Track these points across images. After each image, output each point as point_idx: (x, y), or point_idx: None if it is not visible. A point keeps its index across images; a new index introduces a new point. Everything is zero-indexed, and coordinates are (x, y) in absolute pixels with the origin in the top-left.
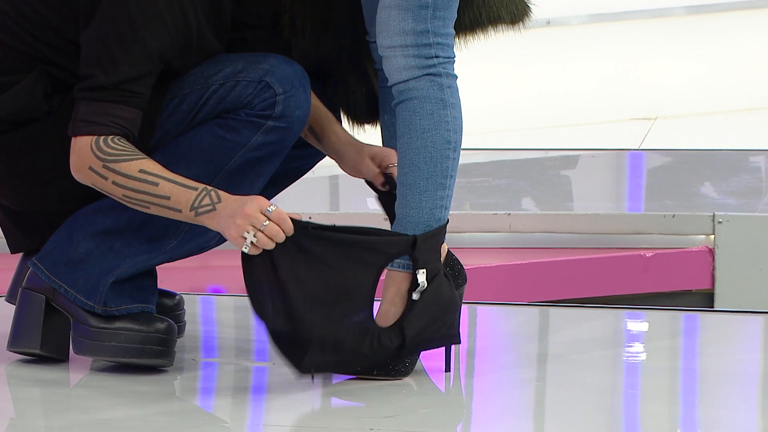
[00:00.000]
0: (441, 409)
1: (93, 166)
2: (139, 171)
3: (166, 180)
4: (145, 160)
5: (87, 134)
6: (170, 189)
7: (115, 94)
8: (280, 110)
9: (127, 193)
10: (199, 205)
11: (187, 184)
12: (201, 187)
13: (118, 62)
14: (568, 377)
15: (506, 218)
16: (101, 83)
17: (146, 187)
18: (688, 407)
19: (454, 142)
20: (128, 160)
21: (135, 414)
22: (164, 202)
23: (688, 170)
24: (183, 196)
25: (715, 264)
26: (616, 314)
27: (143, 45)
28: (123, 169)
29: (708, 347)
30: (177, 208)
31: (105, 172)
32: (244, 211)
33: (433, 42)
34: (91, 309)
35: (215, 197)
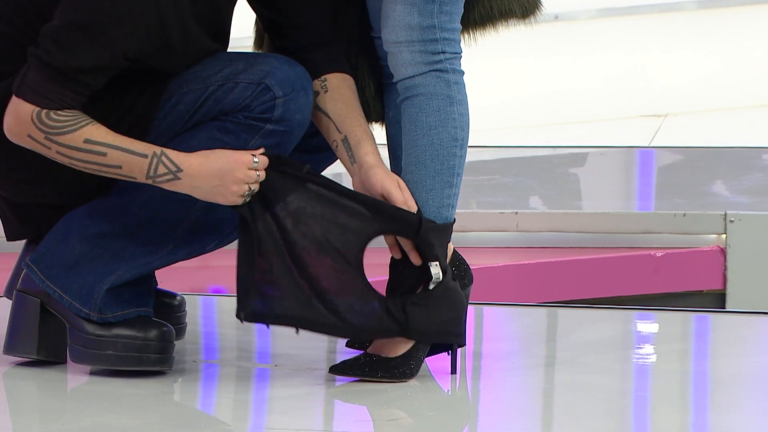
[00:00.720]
0: (446, 413)
1: (33, 135)
2: (84, 141)
3: (113, 148)
4: (90, 125)
5: (30, 102)
6: (119, 157)
7: (64, 78)
8: (279, 114)
9: (74, 162)
10: (155, 175)
11: (136, 149)
12: (150, 153)
13: (77, 49)
14: (577, 380)
15: (513, 217)
16: (54, 63)
17: (94, 157)
18: (700, 411)
19: (461, 140)
20: (72, 131)
21: (134, 418)
22: (117, 171)
23: (699, 168)
24: (135, 165)
25: (726, 264)
26: (625, 315)
27: (107, 39)
28: (67, 141)
29: (720, 349)
30: (131, 176)
31: (47, 143)
32: (235, 176)
33: (440, 37)
34: (86, 316)
35: (170, 164)
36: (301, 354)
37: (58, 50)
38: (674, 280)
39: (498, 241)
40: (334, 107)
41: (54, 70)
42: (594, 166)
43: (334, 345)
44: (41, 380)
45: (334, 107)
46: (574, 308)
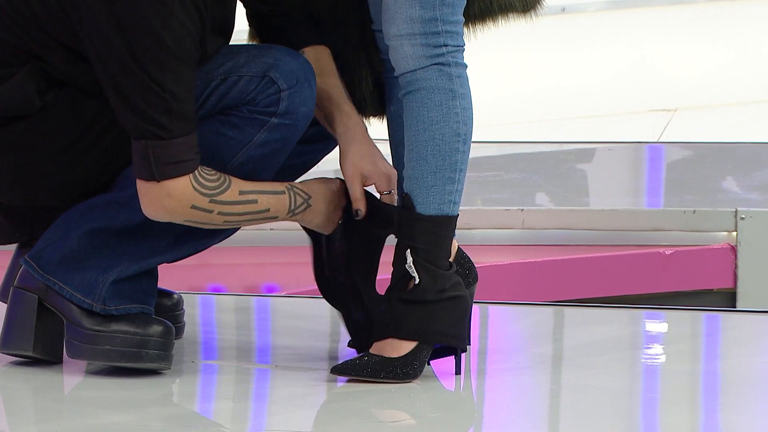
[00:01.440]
0: (451, 414)
1: (197, 204)
2: (240, 193)
3: (260, 193)
4: (233, 179)
5: (180, 175)
6: (267, 201)
7: (181, 123)
8: (284, 107)
9: (230, 219)
10: (295, 207)
11: (274, 189)
12: (284, 188)
13: (163, 82)
14: (584, 380)
15: (519, 214)
16: (162, 113)
17: (248, 207)
18: (710, 413)
19: (463, 135)
20: (227, 187)
21: (131, 419)
22: (265, 215)
23: (709, 164)
24: (280, 203)
25: (737, 262)
26: (633, 314)
27: (174, 54)
28: (227, 198)
29: (730, 349)
30: (274, 215)
31: (211, 206)
32: (342, 202)
33: (442, 30)
34: (89, 307)
35: (303, 194)
36: (302, 354)
37: (153, 101)
38: (684, 278)
39: (503, 238)
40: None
41: (173, 123)
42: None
43: (336, 345)
44: (37, 381)
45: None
46: (581, 307)
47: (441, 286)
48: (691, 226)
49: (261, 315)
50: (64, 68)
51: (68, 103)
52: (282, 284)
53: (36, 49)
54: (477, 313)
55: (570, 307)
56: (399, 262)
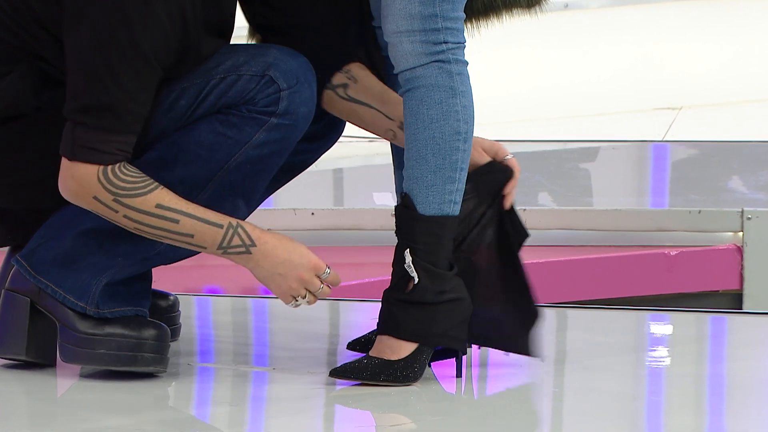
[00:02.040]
0: (452, 418)
1: (100, 197)
2: (157, 206)
3: (186, 216)
4: (160, 190)
5: (91, 163)
6: (193, 226)
7: (115, 119)
8: (284, 107)
9: (141, 228)
10: (228, 245)
11: (210, 219)
12: (226, 224)
13: (118, 75)
14: (587, 383)
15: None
16: (101, 103)
17: (165, 224)
18: (715, 416)
19: (464, 133)
20: (143, 194)
21: (126, 423)
22: (187, 240)
23: (715, 163)
24: (208, 234)
25: (743, 263)
26: (638, 316)
27: (143, 54)
28: (138, 205)
29: (736, 351)
30: (202, 245)
31: (115, 205)
32: (300, 275)
33: (442, 26)
34: (82, 310)
35: (245, 237)
36: (300, 357)
37: (102, 87)
38: (689, 279)
39: None
40: (372, 95)
41: (104, 116)
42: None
43: (335, 347)
44: (30, 383)
45: (373, 95)
46: (585, 309)
47: (441, 287)
48: (697, 227)
49: (258, 317)
50: (62, 66)
51: (64, 102)
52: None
53: (33, 46)
54: None
55: (573, 308)
56: (398, 262)
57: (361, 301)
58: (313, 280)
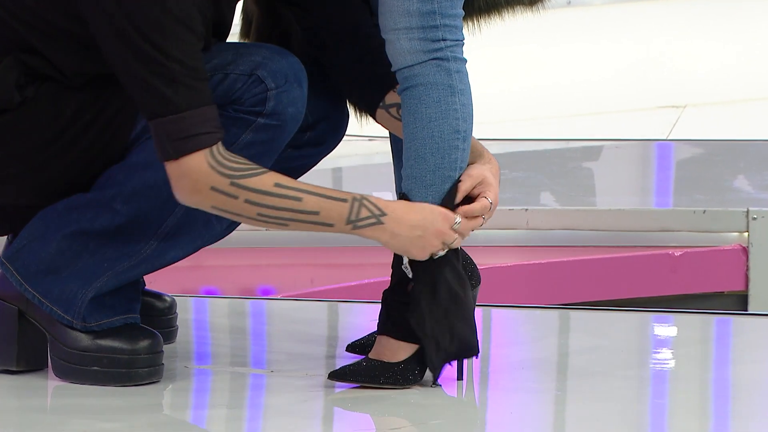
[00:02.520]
0: (452, 421)
1: (216, 185)
2: (276, 185)
3: (308, 193)
4: (272, 172)
5: (194, 150)
6: (317, 203)
7: (189, 92)
8: (271, 107)
9: (264, 211)
10: (357, 219)
11: (333, 195)
12: (350, 197)
13: (166, 49)
14: (590, 386)
15: (523, 214)
16: (166, 81)
17: (288, 203)
18: (721, 420)
19: (463, 132)
20: (258, 174)
21: (120, 428)
22: (312, 218)
23: (720, 162)
24: (334, 210)
25: (749, 263)
26: (641, 318)
27: (178, 20)
28: (257, 185)
29: (742, 354)
30: (329, 222)
31: (234, 190)
32: (438, 230)
33: (440, 23)
34: (69, 323)
35: (374, 208)
36: (299, 359)
37: (156, 70)
38: (693, 280)
39: (507, 239)
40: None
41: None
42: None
43: (333, 350)
44: (20, 387)
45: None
46: (588, 310)
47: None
48: (701, 227)
49: (256, 318)
50: (51, 55)
51: (49, 97)
52: (278, 286)
53: (26, 35)
54: (479, 316)
55: (576, 310)
56: (397, 263)
57: (360, 302)
58: (450, 233)
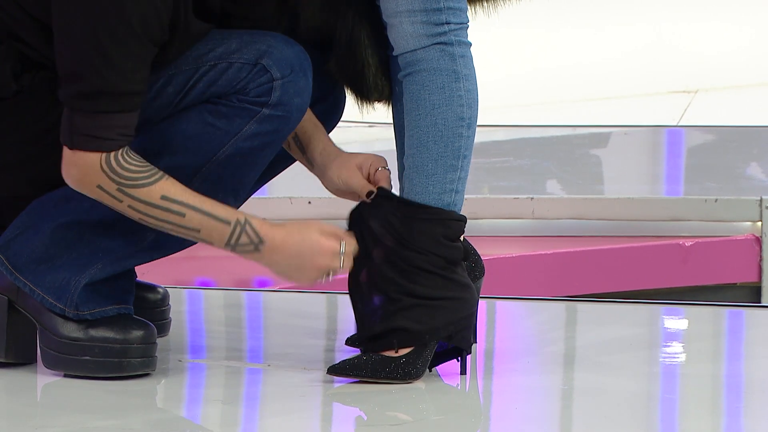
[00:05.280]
0: (455, 417)
1: (104, 186)
2: (162, 198)
3: (192, 209)
4: (165, 180)
5: (92, 150)
6: (199, 221)
7: (113, 100)
8: (277, 97)
9: (146, 219)
10: (236, 243)
11: (217, 214)
12: (234, 220)
13: (110, 55)
14: (598, 382)
15: (529, 203)
16: (96, 87)
17: (171, 216)
18: (733, 417)
19: (468, 119)
20: (147, 185)
21: (112, 424)
22: (193, 234)
23: (732, 149)
24: (215, 230)
25: (762, 254)
26: (651, 311)
27: (133, 31)
28: (143, 196)
29: (755, 348)
30: (209, 241)
31: (120, 195)
32: (317, 264)
33: (444, 6)
34: (61, 312)
35: (253, 235)
36: (297, 353)
37: (93, 69)
38: (705, 271)
39: (512, 229)
40: None
41: (102, 99)
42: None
43: (332, 343)
44: (9, 381)
45: None
46: (596, 303)
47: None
48: (713, 216)
49: (252, 311)
50: (42, 49)
51: (46, 86)
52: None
53: (13, 28)
54: (484, 308)
55: (583, 302)
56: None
57: None
58: (332, 263)
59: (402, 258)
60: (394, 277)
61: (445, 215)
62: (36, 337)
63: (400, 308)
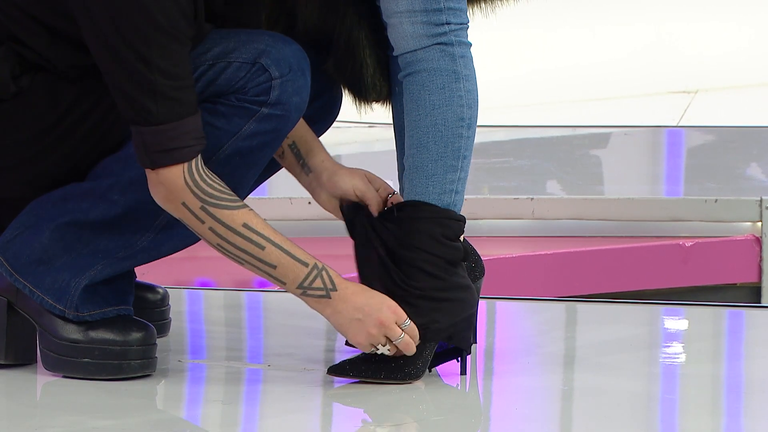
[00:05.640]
0: (455, 417)
1: (188, 203)
2: (244, 226)
3: (273, 244)
4: (247, 210)
5: (172, 164)
6: (278, 258)
7: (169, 104)
8: (275, 96)
9: (224, 245)
10: (309, 286)
11: (296, 255)
12: (312, 263)
13: (150, 59)
14: (598, 382)
15: (529, 203)
16: (146, 92)
17: (250, 247)
18: (733, 417)
19: (468, 119)
20: (230, 208)
21: (112, 424)
22: (268, 269)
23: (732, 149)
24: (291, 270)
25: (762, 254)
26: (651, 311)
27: (163, 29)
28: (225, 219)
29: (755, 348)
30: (282, 280)
31: (202, 215)
32: (380, 320)
33: (444, 6)
34: (61, 313)
35: (328, 281)
36: (297, 353)
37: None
38: (705, 272)
39: (512, 229)
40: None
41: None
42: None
43: (332, 343)
44: (8, 382)
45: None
46: (596, 303)
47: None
48: (713, 216)
49: (252, 311)
50: (41, 50)
51: (45, 88)
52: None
53: (14, 30)
54: (484, 308)
55: (583, 302)
56: None
57: None
58: (393, 326)
59: (402, 258)
60: (394, 277)
61: (444, 215)
62: (35, 338)
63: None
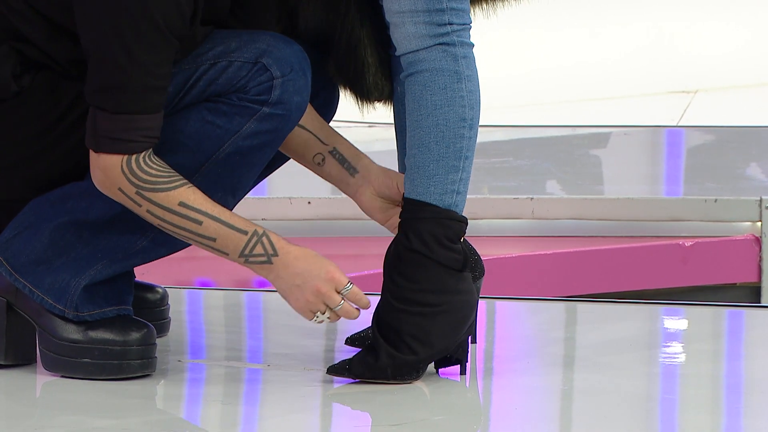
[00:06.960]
0: (455, 417)
1: (124, 189)
2: (180, 204)
3: (210, 218)
4: (185, 188)
5: (115, 153)
6: (216, 230)
7: (135, 98)
8: (277, 95)
9: (164, 225)
10: (249, 254)
11: (235, 224)
12: (251, 231)
13: (133, 51)
14: (598, 382)
15: (529, 203)
16: (118, 81)
17: (188, 224)
18: (733, 416)
19: (470, 119)
20: (166, 190)
21: (111, 424)
22: (209, 243)
23: (732, 149)
24: (231, 240)
25: (762, 254)
26: (651, 311)
27: (157, 26)
28: (161, 201)
29: (754, 348)
30: (224, 251)
31: (138, 199)
32: (317, 287)
33: (447, 6)
34: (60, 313)
35: (269, 247)
36: (297, 353)
37: (116, 65)
38: (705, 272)
39: (512, 229)
40: (310, 121)
41: (125, 97)
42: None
43: (332, 343)
44: (7, 382)
45: (311, 121)
46: (595, 303)
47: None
48: (713, 216)
49: (252, 311)
50: (44, 45)
51: (46, 87)
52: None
53: (15, 21)
54: (483, 308)
55: (583, 302)
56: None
57: None
58: (331, 293)
59: (401, 258)
60: (394, 277)
61: (445, 215)
62: (35, 338)
63: (400, 309)
